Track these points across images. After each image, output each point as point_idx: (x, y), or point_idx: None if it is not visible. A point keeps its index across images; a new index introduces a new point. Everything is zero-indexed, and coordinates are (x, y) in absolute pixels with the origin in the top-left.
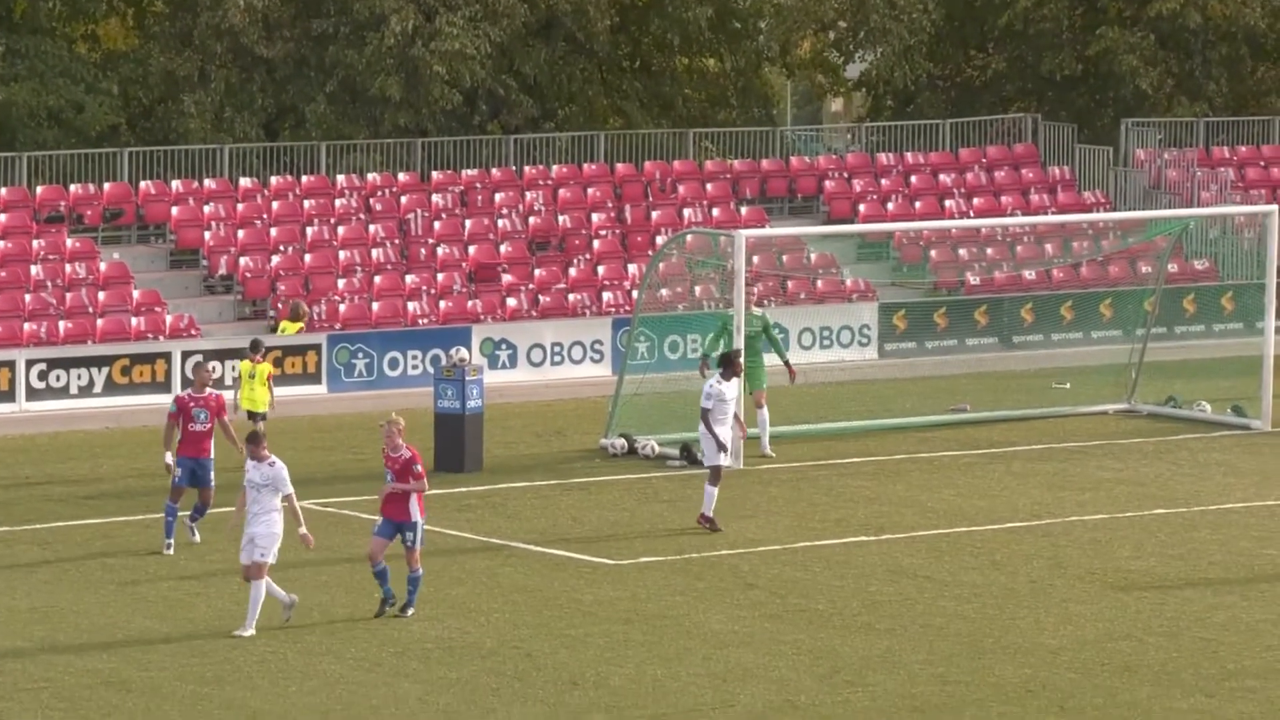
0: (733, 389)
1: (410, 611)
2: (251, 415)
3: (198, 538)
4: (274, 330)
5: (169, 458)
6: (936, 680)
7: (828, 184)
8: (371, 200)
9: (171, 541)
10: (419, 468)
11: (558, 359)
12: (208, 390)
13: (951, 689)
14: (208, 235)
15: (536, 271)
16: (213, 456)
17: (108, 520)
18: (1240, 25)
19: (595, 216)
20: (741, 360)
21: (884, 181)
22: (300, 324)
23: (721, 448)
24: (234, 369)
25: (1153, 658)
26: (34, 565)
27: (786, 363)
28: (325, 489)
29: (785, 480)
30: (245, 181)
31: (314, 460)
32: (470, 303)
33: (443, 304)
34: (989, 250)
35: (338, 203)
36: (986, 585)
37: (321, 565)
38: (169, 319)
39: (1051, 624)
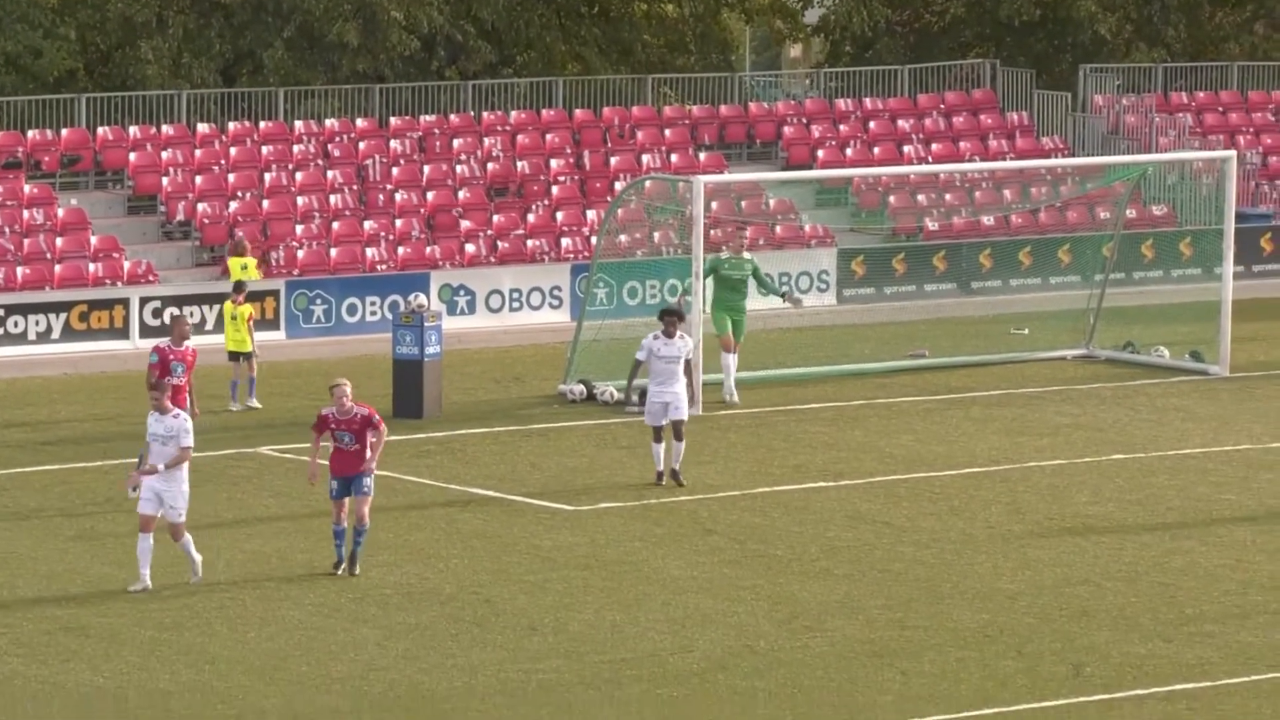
0: (673, 348)
1: (358, 569)
2: (234, 356)
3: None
4: (225, 274)
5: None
6: (895, 625)
7: (786, 130)
8: (329, 146)
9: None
10: (378, 418)
11: (516, 305)
12: (185, 344)
13: (910, 634)
14: (165, 181)
15: (495, 218)
16: (188, 409)
17: (66, 466)
18: None
19: (554, 162)
20: (683, 317)
21: (842, 127)
22: (245, 257)
23: (627, 400)
24: (191, 315)
25: (1110, 602)
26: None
27: (783, 295)
28: (283, 435)
29: (744, 426)
30: (203, 127)
31: (272, 406)
32: (428, 249)
33: (401, 250)
34: (947, 196)
35: (295, 149)
36: (945, 531)
37: (280, 512)
38: (127, 265)
39: (1009, 569)
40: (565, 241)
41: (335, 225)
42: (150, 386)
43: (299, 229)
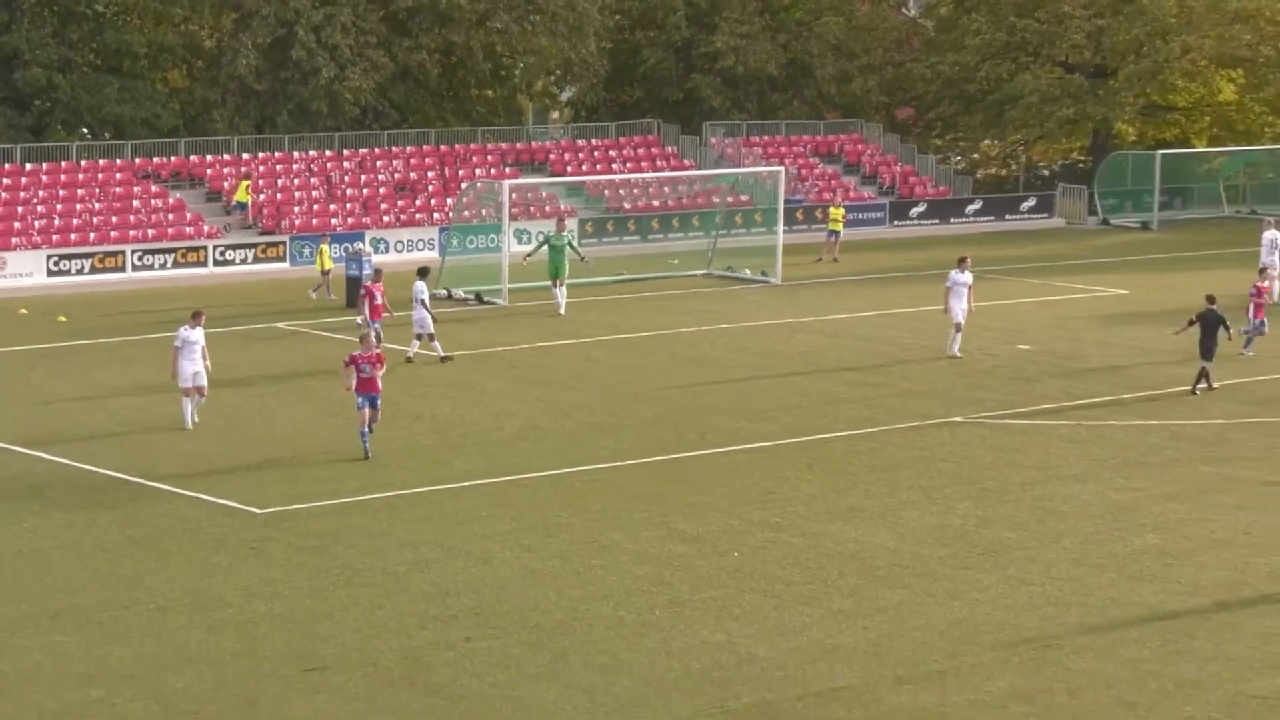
0: (422, 289)
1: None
2: (324, 272)
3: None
4: (233, 190)
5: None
6: (610, 415)
7: (551, 156)
8: (312, 166)
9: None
10: (384, 357)
11: (411, 249)
12: (379, 283)
13: (616, 419)
14: (226, 185)
15: (399, 203)
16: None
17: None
18: (764, 72)
19: (430, 174)
20: (429, 270)
21: (581, 155)
22: (247, 180)
23: (420, 322)
24: (238, 256)
25: (720, 400)
26: (140, 356)
27: (580, 256)
28: (290, 318)
29: (529, 315)
30: (245, 155)
31: (284, 301)
32: (365, 219)
33: (350, 220)
34: (635, 190)
35: (294, 166)
36: (635, 364)
37: (294, 351)
38: (206, 229)
39: (666, 383)
40: (436, 215)
41: (315, 206)
42: (193, 315)
43: (296, 209)
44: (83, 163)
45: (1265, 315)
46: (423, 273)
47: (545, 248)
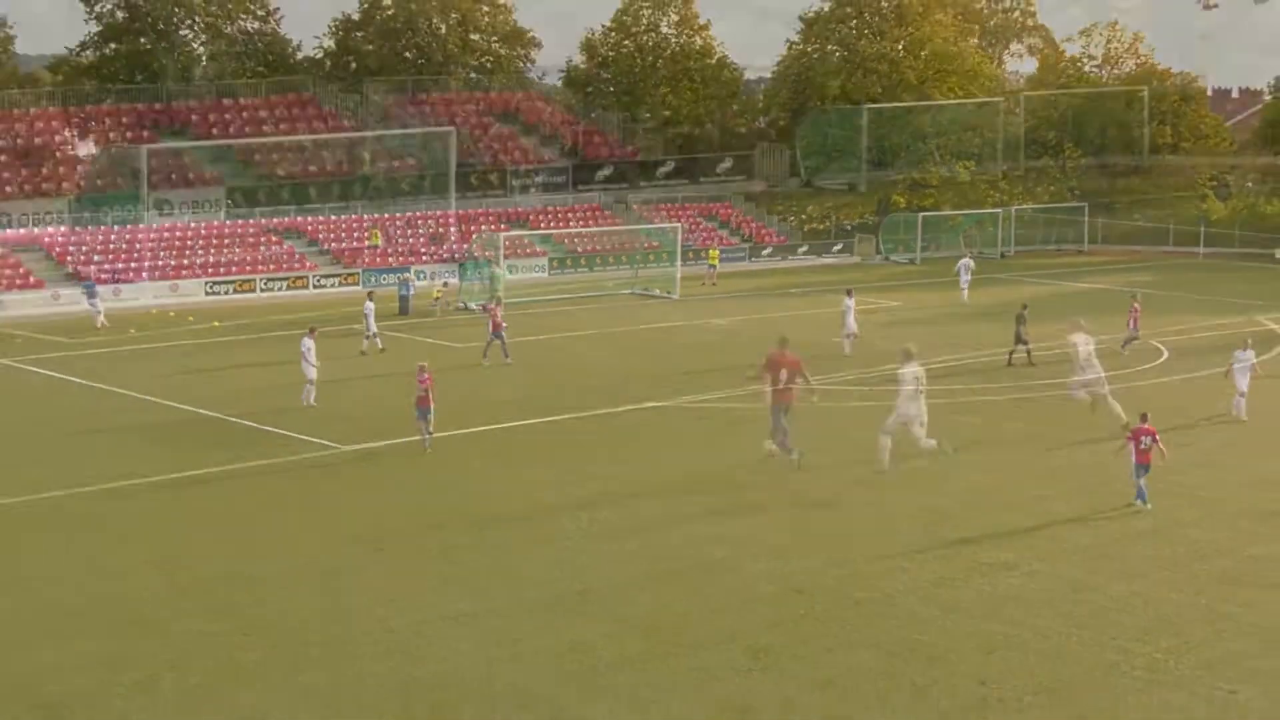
0: (370, 307)
1: (429, 445)
2: (434, 299)
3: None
4: (369, 237)
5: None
6: (569, 383)
7: (530, 216)
8: (375, 226)
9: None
10: (432, 379)
11: (443, 277)
12: (499, 307)
13: (572, 386)
14: (321, 236)
15: (432, 247)
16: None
17: (289, 333)
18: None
19: (452, 230)
20: (374, 293)
21: (551, 216)
22: (376, 230)
23: (369, 329)
24: (323, 282)
25: (640, 374)
26: (269, 348)
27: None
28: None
29: (515, 319)
30: (335, 217)
31: (359, 312)
32: (410, 258)
33: (400, 259)
34: (586, 238)
35: (366, 228)
36: (585, 351)
37: (382, 374)
38: (308, 264)
39: (608, 364)
40: (456, 255)
41: (379, 250)
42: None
43: (366, 252)
44: (227, 222)
45: (1138, 327)
46: (370, 295)
47: (496, 275)
